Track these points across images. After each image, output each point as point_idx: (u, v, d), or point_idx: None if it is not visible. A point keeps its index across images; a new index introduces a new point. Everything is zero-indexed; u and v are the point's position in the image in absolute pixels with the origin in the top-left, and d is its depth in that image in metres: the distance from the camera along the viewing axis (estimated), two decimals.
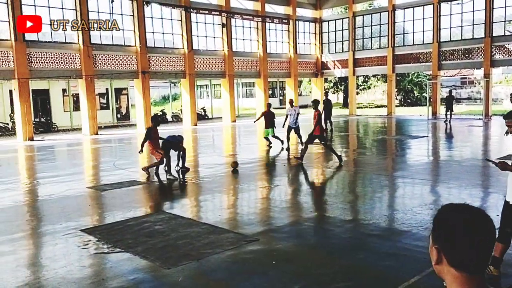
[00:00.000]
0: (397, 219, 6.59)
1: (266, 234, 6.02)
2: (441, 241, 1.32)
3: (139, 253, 5.29)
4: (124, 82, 31.00)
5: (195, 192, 9.26)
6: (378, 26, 31.66)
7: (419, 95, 42.82)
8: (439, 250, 1.33)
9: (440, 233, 1.33)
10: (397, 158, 13.50)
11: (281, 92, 47.64)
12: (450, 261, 1.31)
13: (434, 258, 1.34)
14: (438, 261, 1.33)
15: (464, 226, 1.29)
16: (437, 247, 1.33)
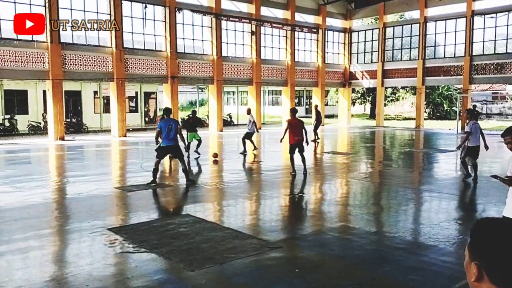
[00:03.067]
0: (423, 233, 6.47)
1: (289, 241, 6.01)
2: (482, 257, 1.26)
3: (163, 254, 5.36)
4: (153, 86, 31.55)
5: (219, 197, 9.33)
6: (408, 38, 31.31)
7: (449, 108, 42.02)
8: (480, 266, 1.27)
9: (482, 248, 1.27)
10: (424, 171, 13.26)
11: (307, 101, 47.55)
12: (492, 279, 1.26)
13: (474, 275, 1.27)
14: (479, 278, 1.26)
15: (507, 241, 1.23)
16: (477, 263, 1.26)
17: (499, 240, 1.25)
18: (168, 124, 9.93)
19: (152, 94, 33.40)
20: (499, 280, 1.24)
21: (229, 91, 46.12)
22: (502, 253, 1.23)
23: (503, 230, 1.27)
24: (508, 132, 4.16)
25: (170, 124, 9.96)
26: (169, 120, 10.13)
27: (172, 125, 9.94)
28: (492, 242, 1.26)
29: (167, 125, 9.91)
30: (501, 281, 1.24)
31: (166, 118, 10.20)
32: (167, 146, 9.94)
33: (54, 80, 20.99)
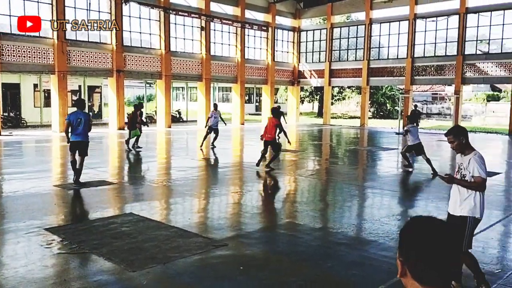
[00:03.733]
0: (365, 229, 6.67)
1: (235, 239, 5.98)
2: (405, 255, 1.32)
3: (103, 255, 5.17)
4: (98, 80, 30.46)
5: (165, 195, 9.14)
6: (355, 39, 32.21)
7: (392, 108, 43.69)
8: (403, 263, 1.33)
9: (405, 247, 1.33)
10: (368, 168, 13.70)
11: (257, 98, 47.80)
12: (413, 275, 1.31)
13: (398, 271, 1.35)
14: (403, 274, 1.33)
15: (428, 241, 1.28)
16: (401, 260, 1.33)
17: (417, 238, 1.30)
18: (77, 118, 9.09)
19: (97, 88, 32.26)
20: (419, 277, 1.30)
21: (179, 86, 45.46)
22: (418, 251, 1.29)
23: (422, 230, 1.32)
24: (450, 132, 4.39)
25: (79, 117, 9.11)
26: (79, 113, 9.21)
27: (82, 118, 9.11)
28: (411, 240, 1.32)
29: (76, 118, 9.08)
30: (421, 278, 1.30)
31: (77, 110, 9.33)
32: (74, 141, 9.13)
33: None
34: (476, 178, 4.21)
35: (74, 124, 9.03)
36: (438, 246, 1.28)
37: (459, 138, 4.31)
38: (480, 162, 4.24)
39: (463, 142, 4.32)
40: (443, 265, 1.29)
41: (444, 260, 1.29)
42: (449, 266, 1.30)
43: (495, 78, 27.16)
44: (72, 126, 9.04)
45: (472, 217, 4.28)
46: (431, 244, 1.28)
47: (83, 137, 9.17)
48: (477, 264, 4.35)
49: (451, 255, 1.30)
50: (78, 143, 9.13)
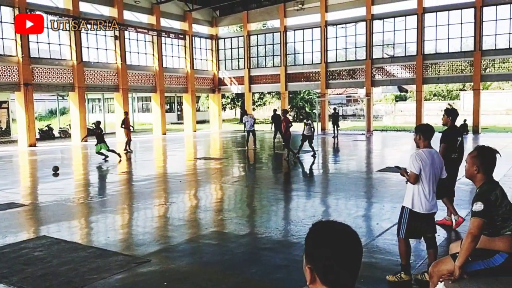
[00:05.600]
0: (289, 231, 6.80)
1: (158, 254, 5.81)
2: (313, 261, 1.33)
3: (14, 284, 4.77)
4: (4, 95, 28.28)
5: (83, 213, 8.66)
6: (271, 46, 33.01)
7: (310, 111, 45.26)
8: (312, 269, 1.33)
9: (311, 253, 1.34)
10: (291, 172, 14.03)
11: (178, 107, 47.17)
12: (322, 280, 1.33)
13: (308, 278, 1.35)
14: (312, 281, 1.34)
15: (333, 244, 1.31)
16: (310, 266, 1.34)
17: (322, 242, 1.33)
18: None
19: (4, 103, 29.94)
20: (328, 281, 1.32)
21: (94, 98, 43.57)
22: (325, 255, 1.31)
23: (325, 233, 1.35)
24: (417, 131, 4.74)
25: None
26: None
27: None
28: (318, 245, 1.33)
29: None
30: (330, 281, 1.32)
31: None
32: None
33: None
34: (409, 173, 4.56)
35: None
36: (341, 249, 1.32)
37: (416, 134, 4.72)
38: (414, 159, 4.55)
39: (418, 139, 4.71)
40: (350, 266, 1.32)
41: (350, 261, 1.32)
42: (356, 266, 1.33)
43: (401, 79, 29.20)
44: None
45: (407, 208, 4.61)
46: (337, 245, 1.31)
47: None
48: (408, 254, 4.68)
49: (355, 256, 1.34)
50: None
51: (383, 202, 8.56)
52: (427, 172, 4.51)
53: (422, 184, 4.52)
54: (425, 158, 4.53)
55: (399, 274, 4.67)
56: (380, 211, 7.91)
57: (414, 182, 4.52)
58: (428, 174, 4.52)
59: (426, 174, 4.51)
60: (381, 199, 8.88)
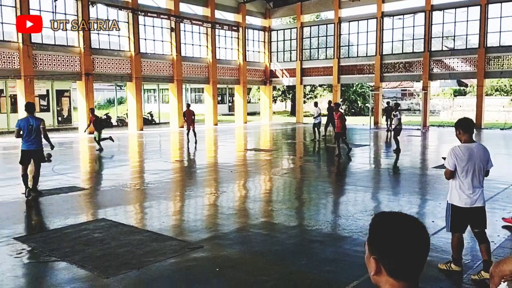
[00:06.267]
0: (339, 225, 6.75)
1: (210, 241, 5.96)
2: (379, 251, 1.31)
3: (76, 262, 5.06)
4: (66, 84, 29.81)
5: (139, 199, 9.03)
6: (324, 38, 32.56)
7: (363, 105, 44.35)
8: (378, 260, 1.32)
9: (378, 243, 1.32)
10: (341, 165, 13.87)
11: (230, 98, 47.69)
12: (388, 271, 1.31)
13: (372, 269, 1.33)
14: (377, 272, 1.32)
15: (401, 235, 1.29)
16: (375, 257, 1.32)
17: (391, 233, 1.31)
18: (28, 124, 8.30)
19: (66, 92, 31.52)
20: (396, 272, 1.31)
21: (150, 88, 44.93)
22: (395, 246, 1.29)
23: (394, 224, 1.33)
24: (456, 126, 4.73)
25: (30, 123, 8.31)
26: (30, 118, 8.38)
27: (33, 124, 8.31)
28: (385, 236, 1.31)
29: (26, 124, 8.29)
30: (397, 273, 1.31)
31: (28, 115, 8.47)
32: (26, 150, 8.40)
33: None
34: (445, 169, 4.71)
35: (25, 131, 8.27)
36: (410, 240, 1.30)
37: (456, 129, 4.71)
38: (448, 155, 4.63)
39: (458, 134, 4.71)
40: (418, 257, 1.31)
41: (418, 252, 1.31)
42: (423, 257, 1.32)
43: (461, 73, 27.93)
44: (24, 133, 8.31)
45: (449, 203, 4.73)
46: (405, 236, 1.30)
47: (37, 145, 8.43)
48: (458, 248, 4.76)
49: (423, 248, 1.32)
50: (31, 153, 8.41)
51: (438, 199, 8.27)
52: (464, 167, 4.56)
53: (459, 179, 4.59)
54: (460, 153, 4.57)
55: (450, 264, 4.79)
56: (435, 208, 7.66)
57: (449, 177, 4.67)
58: (466, 168, 4.56)
59: (464, 169, 4.55)
60: (436, 197, 8.60)
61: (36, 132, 8.32)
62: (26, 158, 8.44)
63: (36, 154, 8.47)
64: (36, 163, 8.54)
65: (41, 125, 8.41)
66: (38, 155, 8.50)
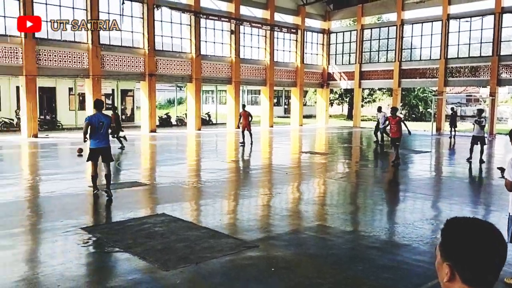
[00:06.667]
0: (398, 233, 6.57)
1: (265, 241, 6.01)
2: (454, 258, 1.28)
3: (138, 254, 5.29)
4: (130, 84, 31.15)
5: (196, 196, 9.27)
6: (386, 40, 31.78)
7: (424, 110, 42.81)
8: (452, 267, 1.28)
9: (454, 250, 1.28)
10: (399, 172, 13.47)
11: (285, 101, 47.73)
12: (463, 279, 1.27)
13: (446, 276, 1.29)
14: (451, 278, 1.28)
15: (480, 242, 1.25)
16: (449, 264, 1.28)
17: (469, 240, 1.26)
18: (99, 120, 8.13)
19: (129, 91, 32.98)
20: (471, 280, 1.26)
21: (208, 89, 45.91)
22: (472, 253, 1.25)
23: (472, 230, 1.29)
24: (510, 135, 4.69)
25: (101, 120, 8.15)
26: (100, 115, 8.24)
27: (103, 121, 8.17)
28: (462, 242, 1.27)
29: (97, 121, 8.13)
30: (473, 280, 1.26)
31: (97, 112, 8.31)
32: (96, 148, 8.22)
33: (28, 76, 20.49)
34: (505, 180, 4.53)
35: (96, 127, 8.13)
36: (489, 247, 1.26)
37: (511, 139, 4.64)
38: (508, 165, 4.49)
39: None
40: (495, 266, 1.27)
41: (495, 260, 1.26)
42: (500, 265, 1.27)
43: None
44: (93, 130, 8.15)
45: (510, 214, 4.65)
46: (483, 243, 1.25)
47: (105, 142, 8.31)
48: None
49: (502, 254, 1.28)
50: (101, 150, 8.25)
51: (505, 211, 7.82)
52: None
53: None
54: None
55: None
56: (501, 220, 7.23)
57: (510, 189, 4.50)
58: None
59: None
60: (502, 208, 8.12)
61: (105, 130, 8.22)
62: (95, 155, 8.30)
63: (106, 152, 8.33)
64: (106, 162, 8.39)
65: (111, 123, 8.46)
66: (107, 153, 8.35)
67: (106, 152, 8.31)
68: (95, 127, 8.08)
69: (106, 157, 8.34)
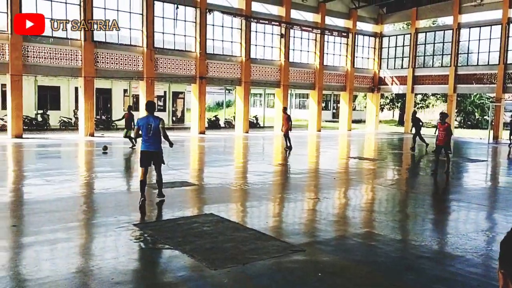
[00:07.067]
0: (450, 243, 6.33)
1: (312, 245, 5.97)
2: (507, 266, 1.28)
3: (187, 252, 5.41)
4: (181, 86, 31.94)
5: (243, 198, 9.36)
6: (441, 44, 30.73)
7: (480, 117, 41.00)
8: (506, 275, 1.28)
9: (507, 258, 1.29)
10: (453, 180, 12.97)
11: (334, 105, 47.21)
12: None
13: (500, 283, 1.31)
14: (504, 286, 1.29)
15: None
16: (503, 271, 1.29)
17: None
18: (148, 123, 7.73)
19: (180, 94, 33.83)
20: None
21: (256, 93, 46.24)
22: None
23: None
24: None
25: (149, 122, 7.73)
26: (150, 118, 7.82)
27: (152, 124, 7.72)
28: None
29: (146, 123, 7.74)
30: None
31: (148, 114, 7.94)
32: (146, 151, 7.85)
33: (86, 78, 21.51)
34: None
35: (144, 130, 7.74)
36: None
37: None
38: None
39: None
40: None
41: None
42: None
43: None
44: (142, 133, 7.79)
45: None
46: None
47: (156, 146, 7.85)
48: None
49: None
50: (151, 154, 7.84)
51: None
52: None
53: None
54: None
55: None
56: None
57: None
58: None
59: None
60: None
61: (155, 132, 7.72)
62: (145, 159, 7.89)
63: (157, 156, 7.90)
64: (156, 166, 8.02)
65: (160, 124, 7.76)
66: (158, 157, 7.93)
67: (157, 156, 7.90)
68: (144, 129, 7.73)
69: (157, 162, 7.95)
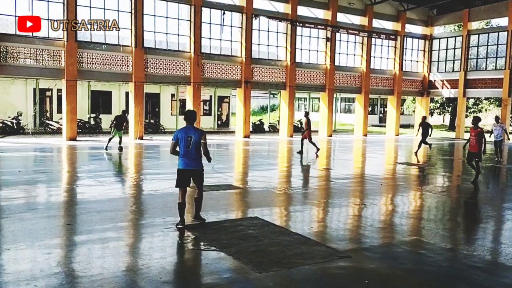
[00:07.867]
0: (505, 253, 6.04)
1: (358, 252, 5.88)
2: None
3: (232, 254, 5.48)
4: (227, 91, 32.36)
5: (287, 202, 9.35)
6: (495, 46, 29.45)
7: None
8: None
9: None
10: (508, 188, 12.37)
11: (381, 109, 46.23)
12: None
13: None
14: None
15: None
16: None
17: None
18: (187, 136, 6.61)
19: (226, 98, 34.27)
20: None
21: (301, 97, 46.04)
22: None
23: None
24: None
25: (189, 135, 6.61)
26: (190, 129, 6.68)
27: (192, 136, 6.60)
28: None
29: (185, 136, 6.62)
30: None
31: (187, 125, 6.75)
32: (184, 170, 6.70)
33: (137, 83, 22.25)
34: None
35: (183, 144, 6.62)
36: None
37: None
38: None
39: None
40: None
41: None
42: None
43: None
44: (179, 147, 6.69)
45: None
46: None
47: (196, 163, 6.70)
48: None
49: None
50: (190, 173, 6.73)
51: None
52: None
53: None
54: None
55: None
56: None
57: None
58: None
59: None
60: None
61: (195, 147, 6.61)
62: (183, 179, 6.76)
63: (196, 175, 6.78)
64: (198, 186, 6.92)
65: (202, 139, 6.64)
66: (199, 175, 6.79)
67: (196, 175, 6.79)
68: (183, 142, 6.62)
69: (197, 182, 6.86)
